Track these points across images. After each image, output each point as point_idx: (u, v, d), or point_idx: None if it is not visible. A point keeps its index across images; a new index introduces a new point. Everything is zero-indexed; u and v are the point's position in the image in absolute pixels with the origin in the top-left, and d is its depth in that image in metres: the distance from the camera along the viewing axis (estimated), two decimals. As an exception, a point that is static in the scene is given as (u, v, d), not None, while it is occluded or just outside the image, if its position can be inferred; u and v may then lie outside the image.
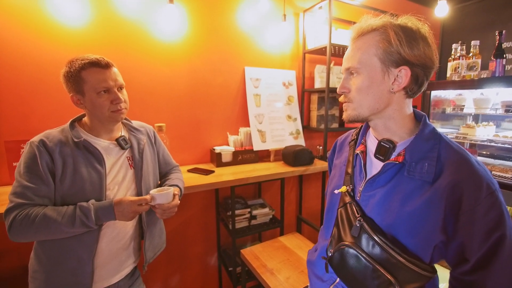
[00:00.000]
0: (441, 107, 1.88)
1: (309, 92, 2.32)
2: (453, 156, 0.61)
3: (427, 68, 0.63)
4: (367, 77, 0.64)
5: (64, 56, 1.44)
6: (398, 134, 0.68)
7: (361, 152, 0.75)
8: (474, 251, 0.57)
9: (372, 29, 0.64)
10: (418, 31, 0.62)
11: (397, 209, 0.62)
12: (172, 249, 1.85)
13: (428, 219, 0.59)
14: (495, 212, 0.55)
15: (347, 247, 0.65)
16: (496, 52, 1.47)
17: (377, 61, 0.63)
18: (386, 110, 0.66)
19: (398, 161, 0.64)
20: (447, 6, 1.95)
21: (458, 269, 0.61)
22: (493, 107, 1.67)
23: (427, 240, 0.60)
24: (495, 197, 0.56)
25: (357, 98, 0.66)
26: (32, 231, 0.81)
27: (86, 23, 1.49)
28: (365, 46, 0.64)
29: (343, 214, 0.71)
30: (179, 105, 1.81)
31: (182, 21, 1.75)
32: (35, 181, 0.85)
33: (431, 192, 0.59)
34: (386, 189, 0.65)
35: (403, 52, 0.61)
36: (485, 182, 0.56)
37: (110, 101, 0.93)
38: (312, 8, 2.11)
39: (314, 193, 2.50)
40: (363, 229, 0.64)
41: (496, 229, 0.55)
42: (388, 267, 0.59)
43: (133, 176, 1.04)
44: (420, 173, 0.61)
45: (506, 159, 1.76)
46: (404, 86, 0.64)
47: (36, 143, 0.88)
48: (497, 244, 0.55)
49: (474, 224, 0.56)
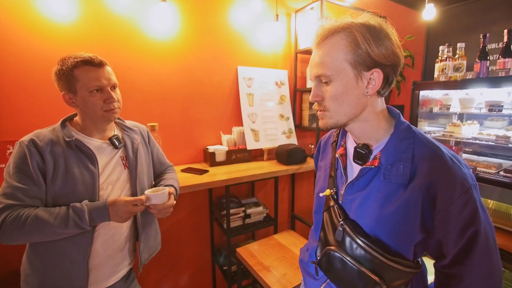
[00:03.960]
0: (428, 106, 1.94)
1: (301, 91, 2.35)
2: (427, 155, 0.60)
3: (396, 66, 0.63)
4: (340, 84, 0.62)
5: (53, 53, 1.40)
6: (373, 136, 0.67)
7: (340, 155, 0.75)
8: (450, 247, 0.59)
9: (336, 31, 0.61)
10: (381, 29, 0.61)
11: (376, 211, 0.63)
12: (166, 249, 1.83)
13: (407, 219, 0.60)
14: (468, 209, 0.56)
15: (332, 251, 0.66)
16: (481, 54, 1.53)
17: (348, 67, 0.61)
18: (362, 113, 0.65)
19: (374, 165, 0.64)
20: (434, 9, 2.02)
21: (439, 263, 0.65)
22: (477, 106, 1.74)
23: (407, 239, 0.61)
24: (469, 195, 0.57)
25: (333, 106, 0.64)
26: (23, 233, 0.79)
27: (76, 19, 1.45)
28: (332, 51, 0.61)
29: (327, 217, 0.72)
30: (171, 105, 1.79)
31: (175, 20, 1.73)
32: (26, 182, 0.83)
33: (407, 194, 0.59)
34: (365, 193, 0.66)
35: (373, 54, 0.59)
36: (459, 180, 0.57)
37: (103, 100, 0.92)
38: (304, 8, 2.13)
39: (306, 191, 2.53)
40: (346, 232, 0.65)
41: (470, 226, 0.56)
42: (373, 268, 0.60)
43: (128, 176, 1.02)
44: (395, 176, 0.61)
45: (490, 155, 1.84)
46: (377, 88, 0.63)
47: (26, 142, 0.85)
48: (471, 239, 0.57)
49: (449, 222, 0.57)
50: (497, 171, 1.53)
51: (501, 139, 1.52)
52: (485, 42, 1.53)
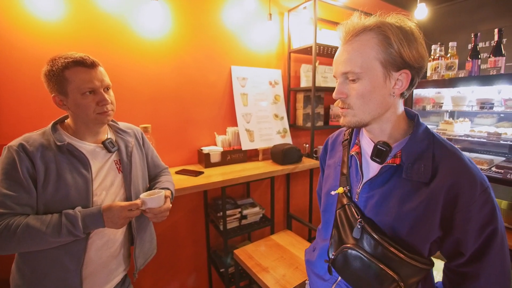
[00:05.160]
0: (421, 104, 1.97)
1: (294, 91, 2.34)
2: (447, 155, 0.62)
3: (422, 69, 0.64)
4: (369, 82, 0.62)
5: (39, 52, 1.34)
6: (393, 136, 0.68)
7: (356, 153, 0.74)
8: (469, 245, 0.60)
9: (368, 28, 0.61)
10: (412, 31, 0.61)
11: (395, 209, 0.63)
12: (161, 253, 1.79)
13: (427, 217, 0.61)
14: (488, 208, 0.58)
15: (349, 249, 0.65)
16: (472, 53, 1.56)
17: (379, 65, 0.61)
18: (385, 114, 0.66)
19: (395, 163, 0.64)
20: (426, 8, 2.04)
21: (454, 261, 0.65)
22: (469, 104, 1.77)
23: (425, 237, 0.62)
24: (488, 194, 0.59)
25: (358, 105, 0.64)
26: (14, 242, 0.75)
27: (63, 17, 1.40)
28: (362, 48, 0.61)
29: (342, 215, 0.71)
30: (164, 105, 1.76)
31: (166, 18, 1.70)
32: (15, 189, 0.79)
33: (428, 192, 0.61)
34: (383, 190, 0.66)
35: (405, 54, 0.59)
36: (478, 180, 0.59)
37: (96, 103, 0.88)
38: (297, 8, 2.13)
39: (301, 190, 2.53)
40: (365, 230, 0.64)
41: (489, 224, 0.58)
42: (391, 265, 0.60)
43: (122, 180, 0.99)
44: (417, 174, 0.62)
45: (481, 152, 1.88)
46: (404, 89, 0.64)
47: (15, 147, 0.81)
48: (490, 237, 0.59)
49: (469, 221, 0.58)
50: (489, 167, 1.56)
51: (492, 136, 1.55)
52: (476, 41, 1.56)
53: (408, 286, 0.61)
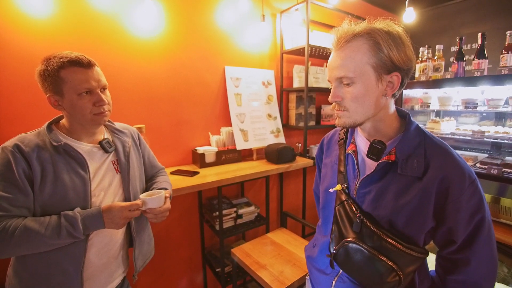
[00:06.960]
0: (410, 104, 2.04)
1: (287, 91, 2.37)
2: (437, 151, 0.67)
3: (411, 71, 0.68)
4: (362, 86, 0.65)
5: (30, 50, 1.30)
6: (387, 134, 0.72)
7: (353, 151, 0.78)
8: (460, 233, 0.65)
9: (358, 35, 0.64)
10: (400, 35, 0.65)
11: (392, 203, 0.68)
12: (156, 254, 1.77)
13: (421, 209, 0.65)
14: (476, 198, 0.64)
15: (350, 243, 0.69)
16: (458, 55, 1.63)
17: (370, 69, 0.64)
18: (378, 114, 0.70)
19: (391, 159, 0.68)
20: (414, 13, 2.11)
21: (446, 249, 0.69)
22: (454, 104, 1.85)
23: (420, 228, 0.67)
24: (475, 186, 0.64)
25: (353, 107, 0.68)
26: (11, 246, 0.74)
27: (55, 14, 1.36)
28: (354, 54, 0.64)
29: (342, 211, 0.74)
30: (158, 105, 1.74)
31: (160, 18, 1.68)
32: (11, 191, 0.77)
33: (422, 185, 0.65)
34: (380, 186, 0.70)
35: (394, 58, 0.63)
36: (467, 173, 0.64)
37: (93, 103, 0.87)
38: (289, 9, 2.16)
39: (294, 188, 2.56)
40: (364, 224, 0.68)
41: (477, 213, 0.64)
42: (390, 256, 0.64)
43: (120, 181, 0.98)
44: (411, 169, 0.66)
45: (465, 149, 1.97)
46: (395, 90, 0.68)
47: (10, 148, 0.79)
48: (478, 225, 0.64)
49: (459, 210, 0.63)
50: (474, 163, 1.64)
51: (477, 134, 1.63)
52: (461, 44, 1.63)
53: (406, 274, 0.65)
